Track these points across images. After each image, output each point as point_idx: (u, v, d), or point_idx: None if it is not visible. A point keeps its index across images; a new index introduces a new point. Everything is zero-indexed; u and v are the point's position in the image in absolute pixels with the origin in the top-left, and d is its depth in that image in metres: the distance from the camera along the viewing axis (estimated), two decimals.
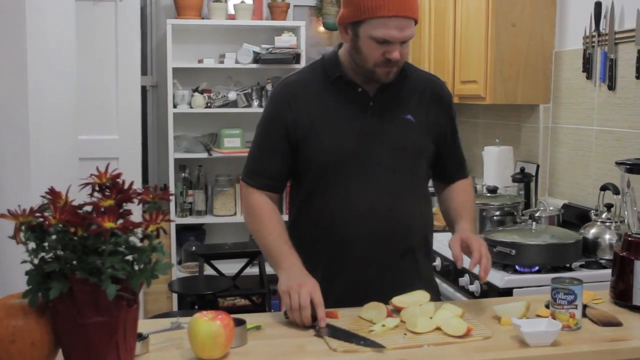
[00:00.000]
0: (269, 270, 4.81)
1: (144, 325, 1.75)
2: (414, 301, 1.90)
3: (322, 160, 2.03)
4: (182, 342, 1.70)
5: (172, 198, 4.78)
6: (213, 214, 4.98)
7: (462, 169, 2.25)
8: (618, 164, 2.13)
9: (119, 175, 1.45)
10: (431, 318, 1.81)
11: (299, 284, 1.83)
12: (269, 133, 2.09)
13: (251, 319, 1.86)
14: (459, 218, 2.11)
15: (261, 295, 4.67)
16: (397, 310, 1.88)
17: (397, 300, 1.91)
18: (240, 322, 1.72)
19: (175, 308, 4.75)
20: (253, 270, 4.69)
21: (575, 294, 1.80)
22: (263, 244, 2.05)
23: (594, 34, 3.12)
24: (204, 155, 4.84)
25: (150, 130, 5.20)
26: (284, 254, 1.97)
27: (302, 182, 2.10)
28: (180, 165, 4.93)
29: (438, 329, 1.77)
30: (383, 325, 1.78)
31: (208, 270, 4.56)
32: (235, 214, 4.98)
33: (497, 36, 3.42)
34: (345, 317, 1.88)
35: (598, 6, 3.08)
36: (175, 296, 4.72)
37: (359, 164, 2.02)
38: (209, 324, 1.60)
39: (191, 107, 4.80)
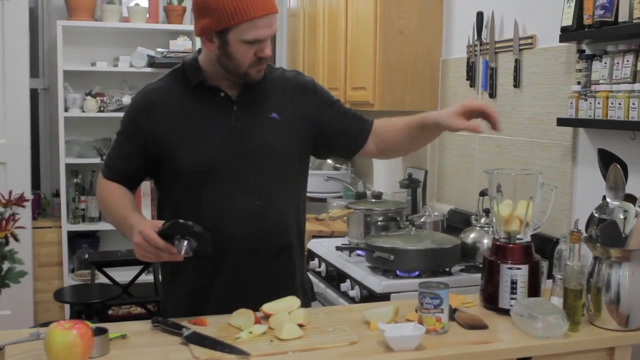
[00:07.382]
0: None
1: (1, 337, 1.69)
2: (284, 307, 1.89)
3: (188, 169, 2.01)
4: (42, 353, 1.64)
5: (64, 204, 4.66)
6: (107, 220, 4.86)
7: (364, 122, 2.20)
8: (486, 172, 2.18)
9: None
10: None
11: (138, 232, 1.85)
12: (125, 138, 2.09)
13: (118, 327, 1.82)
14: (418, 116, 2.15)
15: (157, 303, 4.59)
16: (267, 317, 1.87)
17: (267, 307, 1.90)
18: (101, 331, 1.68)
19: (67, 318, 4.61)
20: (148, 278, 4.61)
21: (441, 298, 1.83)
22: (112, 220, 2.07)
23: (476, 42, 3.21)
24: (97, 160, 4.73)
25: (42, 135, 5.05)
26: (127, 218, 1.96)
27: (170, 189, 2.09)
28: (73, 170, 4.80)
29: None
30: (250, 332, 1.77)
31: (102, 279, 4.46)
32: None
33: (385, 43, 3.46)
34: (214, 325, 1.85)
35: (480, 16, 3.16)
36: (67, 306, 4.59)
37: (227, 169, 2.01)
38: (65, 333, 1.55)
39: (83, 111, 4.68)
